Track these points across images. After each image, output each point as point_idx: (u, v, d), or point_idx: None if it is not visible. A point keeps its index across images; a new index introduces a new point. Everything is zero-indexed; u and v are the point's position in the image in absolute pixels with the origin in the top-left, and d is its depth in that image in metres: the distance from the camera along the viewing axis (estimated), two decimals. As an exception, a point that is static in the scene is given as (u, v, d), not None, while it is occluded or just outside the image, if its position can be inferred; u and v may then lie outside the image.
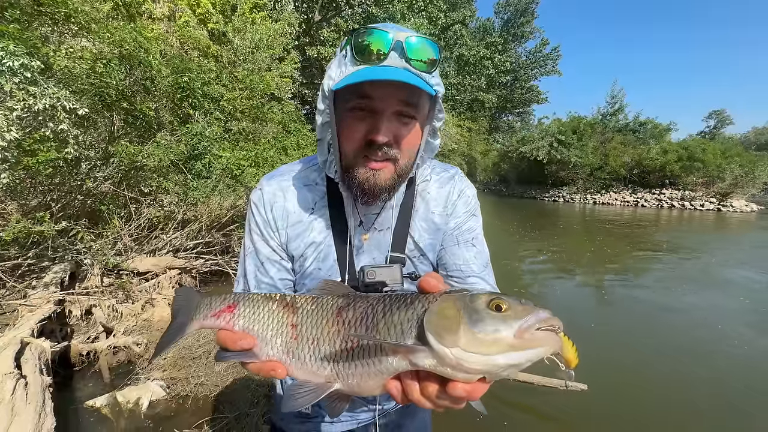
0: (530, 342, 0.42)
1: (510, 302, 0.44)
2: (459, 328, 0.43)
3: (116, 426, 2.58)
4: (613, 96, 29.28)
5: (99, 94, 3.96)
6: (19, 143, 3.08)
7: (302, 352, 0.54)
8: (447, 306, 0.46)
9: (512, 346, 0.42)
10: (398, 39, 0.69)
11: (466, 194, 0.95)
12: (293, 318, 0.55)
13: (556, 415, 2.97)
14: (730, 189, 22.19)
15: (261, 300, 0.59)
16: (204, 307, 0.62)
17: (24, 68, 2.90)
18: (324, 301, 0.55)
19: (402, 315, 0.48)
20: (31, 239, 3.49)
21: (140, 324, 3.73)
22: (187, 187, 4.54)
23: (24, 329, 2.70)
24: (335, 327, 0.52)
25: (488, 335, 0.42)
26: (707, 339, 4.40)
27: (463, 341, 0.42)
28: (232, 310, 0.59)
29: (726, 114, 50.44)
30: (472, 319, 0.43)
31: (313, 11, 17.03)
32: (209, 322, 0.60)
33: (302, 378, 0.54)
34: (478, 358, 0.42)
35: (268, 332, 0.56)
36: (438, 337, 0.43)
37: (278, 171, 0.94)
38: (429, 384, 0.46)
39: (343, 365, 0.51)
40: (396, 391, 0.49)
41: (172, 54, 5.27)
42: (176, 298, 0.67)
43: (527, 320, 0.42)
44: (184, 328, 0.62)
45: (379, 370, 0.49)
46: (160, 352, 0.64)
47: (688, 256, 8.91)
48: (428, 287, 0.51)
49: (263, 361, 0.56)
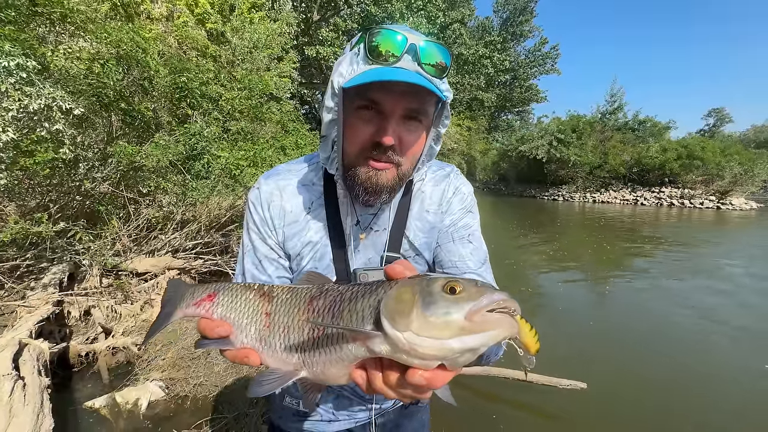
0: (482, 325, 0.40)
1: (465, 285, 0.43)
2: (411, 312, 0.42)
3: (115, 427, 2.58)
4: (612, 94, 29.27)
5: (97, 95, 3.95)
6: (17, 144, 3.07)
7: (273, 340, 0.54)
8: (404, 291, 0.45)
9: (463, 329, 0.40)
10: (412, 42, 0.70)
11: (461, 191, 0.95)
12: (268, 306, 0.56)
13: (555, 414, 2.98)
14: (729, 187, 22.21)
15: (239, 289, 0.61)
16: (188, 296, 0.64)
17: (20, 68, 2.89)
18: (299, 290, 0.56)
19: (364, 302, 0.48)
20: (29, 240, 3.48)
21: (139, 325, 3.72)
22: (186, 188, 4.53)
23: (22, 330, 2.70)
24: (305, 315, 0.52)
25: (439, 318, 0.41)
26: (709, 337, 4.41)
27: (415, 325, 0.41)
28: (212, 298, 0.61)
29: (725, 112, 50.42)
30: (425, 302, 0.42)
31: (311, 11, 17.02)
32: (191, 310, 0.63)
33: (273, 365, 0.55)
34: (431, 342, 0.40)
35: (243, 320, 0.57)
36: (391, 322, 0.42)
37: (276, 170, 0.94)
38: (390, 372, 0.46)
39: (310, 353, 0.52)
40: (361, 380, 0.49)
41: (170, 54, 5.26)
42: (166, 289, 0.70)
43: (479, 302, 0.41)
44: (170, 316, 0.65)
45: (340, 357, 0.49)
46: (148, 339, 0.68)
47: (687, 253, 8.91)
48: (394, 274, 0.50)
49: (238, 349, 0.57)
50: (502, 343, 0.78)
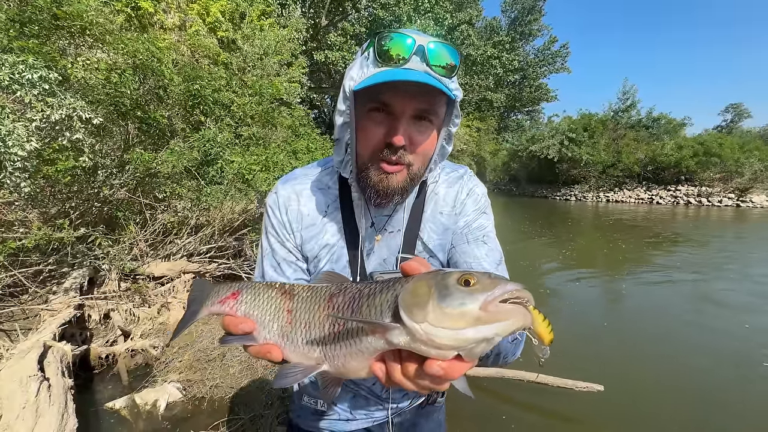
0: (496, 315, 0.42)
1: (479, 277, 0.45)
2: (428, 304, 0.44)
3: (135, 427, 2.64)
4: (624, 92, 28.77)
5: (114, 104, 4.06)
6: (39, 153, 3.18)
7: (295, 336, 0.57)
8: (420, 284, 0.47)
9: (478, 319, 0.42)
10: (420, 44, 0.71)
11: (475, 192, 0.96)
12: (289, 304, 0.59)
13: (570, 417, 2.93)
14: (749, 184, 21.58)
15: (262, 287, 0.63)
16: (213, 294, 0.68)
17: (42, 80, 3.00)
18: (319, 288, 0.59)
19: (382, 297, 0.50)
20: (51, 246, 3.60)
21: (157, 327, 3.80)
22: (200, 193, 4.62)
23: (46, 333, 2.78)
24: (326, 311, 0.55)
25: (455, 309, 0.42)
26: (730, 338, 4.28)
27: (432, 316, 0.43)
28: (236, 296, 0.64)
29: (743, 107, 49.00)
30: (441, 294, 0.44)
31: (319, 16, 17.19)
32: (216, 308, 0.66)
33: (295, 360, 0.57)
34: (447, 332, 0.42)
35: (266, 317, 0.60)
36: (409, 313, 0.44)
37: (292, 175, 0.96)
38: (409, 364, 0.47)
39: (330, 347, 0.54)
40: (381, 372, 0.50)
41: (183, 63, 5.38)
42: (192, 289, 0.73)
43: (493, 293, 0.42)
44: (196, 314, 0.69)
45: (359, 349, 0.51)
46: (176, 336, 0.71)
47: (706, 251, 8.68)
48: (410, 270, 0.52)
49: (261, 344, 0.59)
50: (519, 345, 0.78)
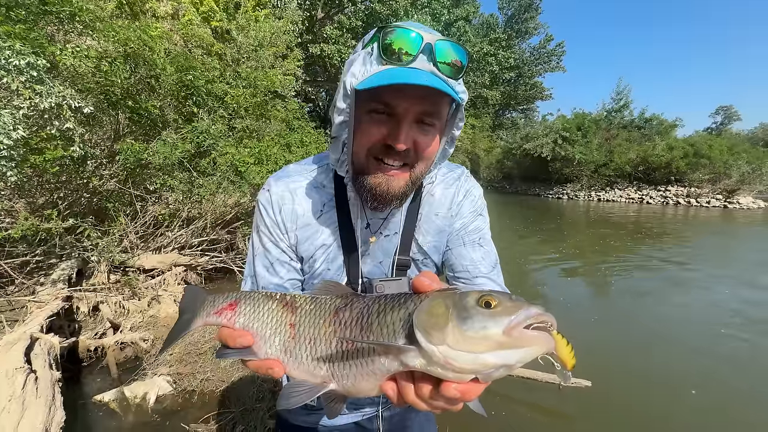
0: (520, 340, 0.40)
1: (500, 299, 0.43)
2: (447, 326, 0.42)
3: (124, 420, 2.62)
4: (618, 92, 28.97)
5: (104, 93, 3.98)
6: (26, 141, 3.11)
7: (299, 352, 0.54)
8: (436, 304, 0.45)
9: (501, 344, 0.40)
10: (428, 41, 0.67)
11: (472, 194, 0.95)
12: (292, 317, 0.56)
13: (559, 411, 2.98)
14: (736, 185, 21.97)
15: (261, 298, 0.60)
16: (208, 304, 0.64)
17: (30, 67, 2.92)
18: (323, 301, 0.56)
19: (395, 315, 0.48)
20: (39, 236, 3.54)
21: (147, 320, 3.77)
22: (192, 185, 4.56)
23: (33, 325, 2.74)
24: (332, 327, 0.52)
25: (476, 332, 0.40)
26: (716, 333, 4.38)
27: (451, 339, 0.41)
28: (234, 307, 0.60)
29: (733, 110, 49.87)
30: (461, 316, 0.42)
31: (315, 8, 17.00)
32: (212, 319, 0.62)
33: (299, 377, 0.54)
34: (467, 356, 0.40)
35: (267, 331, 0.57)
36: (426, 336, 0.42)
37: (286, 172, 0.92)
38: (423, 385, 0.45)
39: (339, 366, 0.51)
40: (392, 392, 0.48)
41: (176, 52, 5.29)
42: (184, 297, 0.69)
43: (517, 317, 0.40)
44: (189, 324, 0.65)
45: (372, 371, 0.48)
46: (167, 347, 0.67)
47: (693, 250, 8.84)
48: (421, 287, 0.50)
49: (261, 360, 0.56)
50: None
